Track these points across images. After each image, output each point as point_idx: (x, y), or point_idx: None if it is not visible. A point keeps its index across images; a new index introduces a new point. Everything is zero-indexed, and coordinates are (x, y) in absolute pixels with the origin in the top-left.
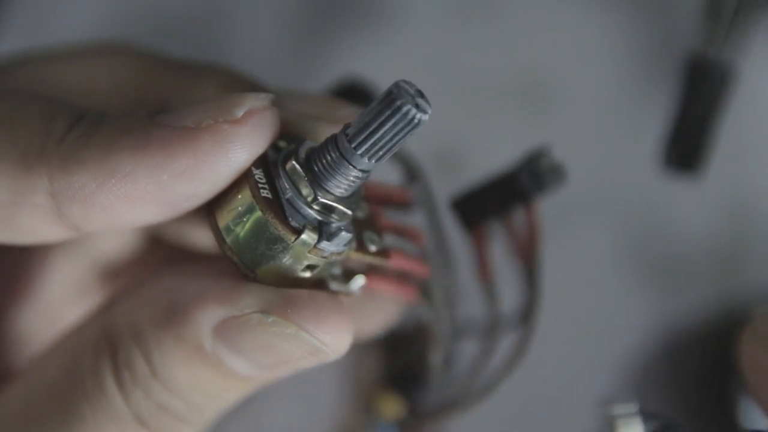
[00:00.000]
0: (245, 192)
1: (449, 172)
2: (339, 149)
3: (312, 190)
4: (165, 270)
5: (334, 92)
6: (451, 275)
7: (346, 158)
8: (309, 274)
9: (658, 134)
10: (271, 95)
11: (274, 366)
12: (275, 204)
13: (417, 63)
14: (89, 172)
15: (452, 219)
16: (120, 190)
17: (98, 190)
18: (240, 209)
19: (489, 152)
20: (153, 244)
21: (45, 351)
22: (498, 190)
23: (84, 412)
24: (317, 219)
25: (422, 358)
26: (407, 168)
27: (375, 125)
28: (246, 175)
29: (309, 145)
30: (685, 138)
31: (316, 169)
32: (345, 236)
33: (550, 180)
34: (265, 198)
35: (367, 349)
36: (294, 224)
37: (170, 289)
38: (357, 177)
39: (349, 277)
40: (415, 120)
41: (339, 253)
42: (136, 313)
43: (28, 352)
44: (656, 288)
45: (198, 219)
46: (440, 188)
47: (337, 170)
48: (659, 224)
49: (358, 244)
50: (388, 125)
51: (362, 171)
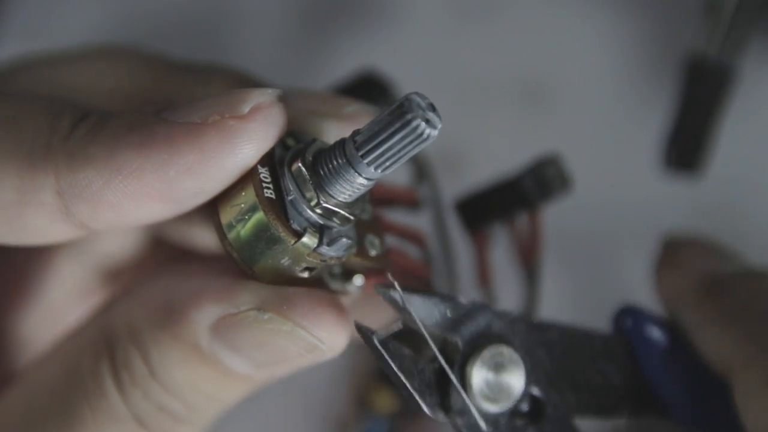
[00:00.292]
0: (249, 190)
1: (449, 172)
2: (346, 155)
3: (316, 194)
4: (164, 270)
5: (350, 85)
6: (452, 276)
7: (353, 165)
8: (307, 275)
9: (658, 134)
10: (278, 90)
11: (272, 364)
12: (278, 205)
13: (417, 63)
14: (96, 169)
15: (456, 220)
16: (127, 187)
17: (105, 187)
18: (243, 207)
19: (489, 152)
20: (156, 245)
21: (45, 353)
22: (502, 195)
23: (84, 414)
24: (319, 223)
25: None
26: (416, 167)
27: (384, 136)
28: (251, 173)
29: (317, 146)
30: (685, 138)
31: (322, 173)
32: (345, 243)
33: (556, 188)
34: (269, 198)
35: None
36: (295, 227)
37: (167, 289)
38: (362, 185)
39: (349, 277)
40: (424, 135)
41: (338, 258)
42: (134, 314)
43: (30, 355)
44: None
45: (201, 219)
46: (440, 188)
47: (343, 176)
48: (659, 224)
49: (359, 248)
50: (397, 137)
51: (368, 179)
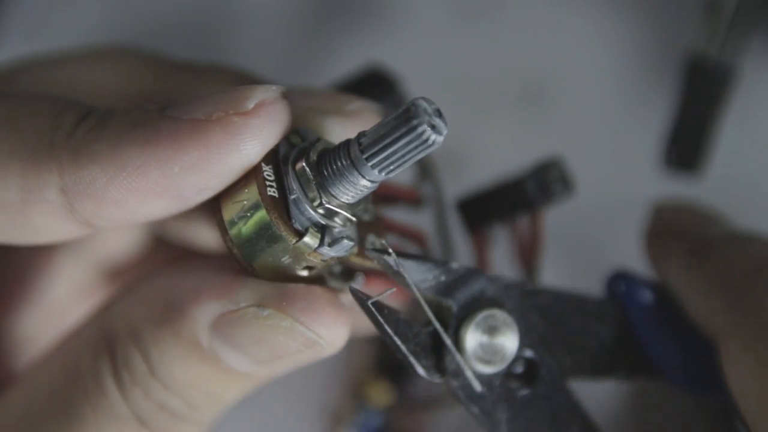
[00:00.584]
0: (252, 188)
1: (449, 171)
2: (351, 157)
3: (319, 194)
4: (163, 268)
5: (357, 80)
6: None
7: (357, 168)
8: (307, 273)
9: (658, 134)
10: (282, 87)
11: (271, 360)
12: (280, 204)
13: (418, 63)
14: (100, 166)
15: (457, 220)
16: (131, 184)
17: (109, 184)
18: (245, 204)
19: (489, 151)
20: (157, 244)
21: (46, 353)
22: (504, 196)
23: (84, 413)
24: (320, 223)
25: None
26: (420, 167)
27: (389, 140)
28: (255, 171)
29: (322, 146)
30: (685, 138)
31: (326, 173)
32: (346, 244)
33: (557, 191)
34: (272, 197)
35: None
36: (297, 226)
37: (167, 287)
38: (365, 187)
39: (349, 276)
40: (429, 141)
41: (339, 258)
42: (134, 312)
43: (31, 354)
44: None
45: (202, 218)
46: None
47: (346, 178)
48: None
49: (360, 248)
50: (402, 142)
51: (371, 182)
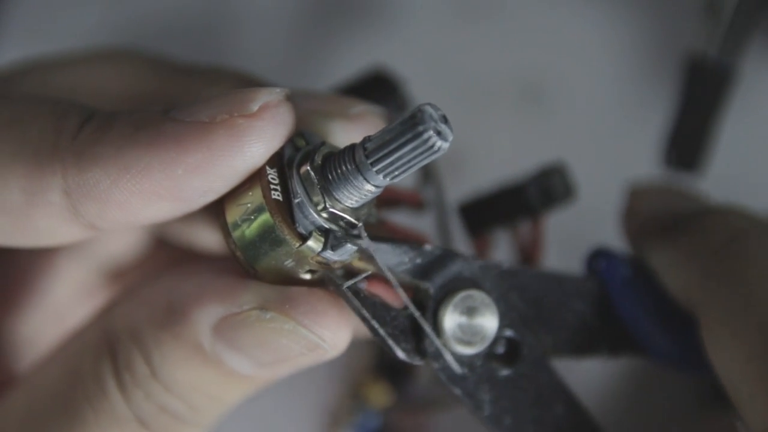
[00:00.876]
0: (256, 191)
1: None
2: (355, 162)
3: (323, 198)
4: (166, 270)
5: (360, 83)
6: None
7: (361, 172)
8: (309, 277)
9: (658, 134)
10: (286, 89)
11: (274, 363)
12: (284, 207)
13: (418, 63)
14: (103, 168)
15: (459, 223)
16: (135, 186)
17: (113, 186)
18: (249, 206)
19: (489, 152)
20: (159, 246)
21: (48, 354)
22: (506, 201)
23: (86, 415)
24: (324, 227)
25: None
26: (422, 170)
27: (394, 145)
28: (259, 174)
29: (326, 150)
30: (685, 138)
31: (330, 177)
32: (349, 248)
33: (559, 197)
34: (276, 200)
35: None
36: (300, 230)
37: (169, 289)
38: (370, 191)
39: (351, 279)
40: (435, 147)
41: (342, 263)
42: (136, 314)
43: (33, 356)
44: None
45: (205, 221)
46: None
47: (351, 182)
48: None
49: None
50: (407, 148)
51: (376, 186)
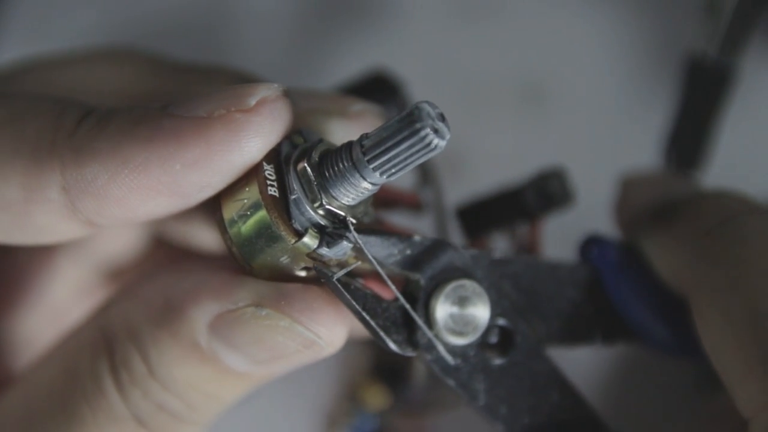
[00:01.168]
0: (253, 187)
1: (449, 172)
2: (353, 159)
3: (319, 195)
4: (162, 269)
5: (361, 83)
6: None
7: (358, 170)
8: (305, 274)
9: (658, 134)
10: (283, 85)
11: (270, 361)
12: (281, 203)
13: (418, 64)
14: (101, 164)
15: (457, 226)
16: (133, 181)
17: (111, 182)
18: (246, 202)
19: (489, 152)
20: (157, 245)
21: (45, 353)
22: (504, 205)
23: (83, 414)
24: (320, 224)
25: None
26: (421, 171)
27: (392, 143)
28: (256, 170)
29: (324, 147)
30: (685, 137)
31: (327, 175)
32: (345, 246)
33: (558, 202)
34: (272, 196)
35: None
36: (296, 226)
37: (165, 287)
38: (366, 189)
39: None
40: (432, 145)
41: (338, 260)
42: (132, 312)
43: (31, 355)
44: None
45: (202, 219)
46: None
47: (348, 180)
48: None
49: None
50: (404, 145)
51: (372, 184)
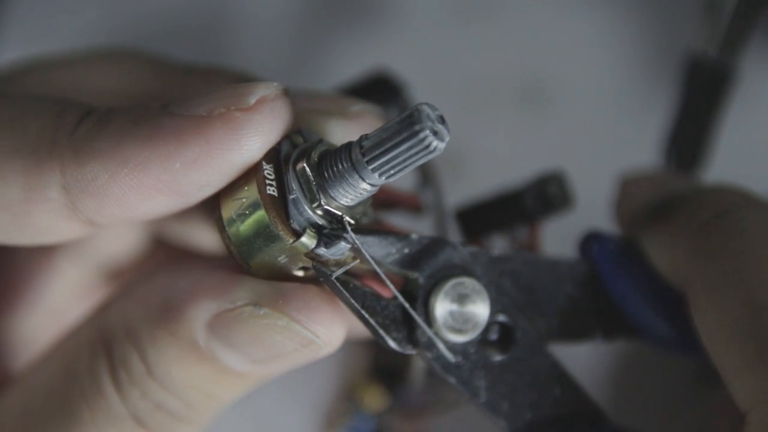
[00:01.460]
0: (252, 186)
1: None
2: (352, 160)
3: (318, 195)
4: (160, 268)
5: (362, 84)
6: None
7: (357, 170)
8: (302, 274)
9: (658, 134)
10: (283, 84)
11: (268, 360)
12: (279, 203)
13: (417, 63)
14: (101, 163)
15: (456, 227)
16: (133, 180)
17: (111, 181)
18: (245, 202)
19: (489, 152)
20: (157, 246)
21: (44, 353)
22: (503, 208)
23: (82, 413)
24: (318, 224)
25: (408, 357)
26: (421, 173)
27: (391, 144)
28: (255, 169)
29: (323, 147)
30: (685, 138)
31: (326, 175)
32: (343, 246)
33: (557, 205)
34: (271, 196)
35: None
36: (295, 226)
37: (163, 286)
38: (365, 190)
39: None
40: (431, 147)
41: (336, 260)
42: (131, 312)
43: (30, 355)
44: None
45: (201, 219)
46: (443, 194)
47: (347, 180)
48: None
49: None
50: (404, 147)
51: (371, 185)
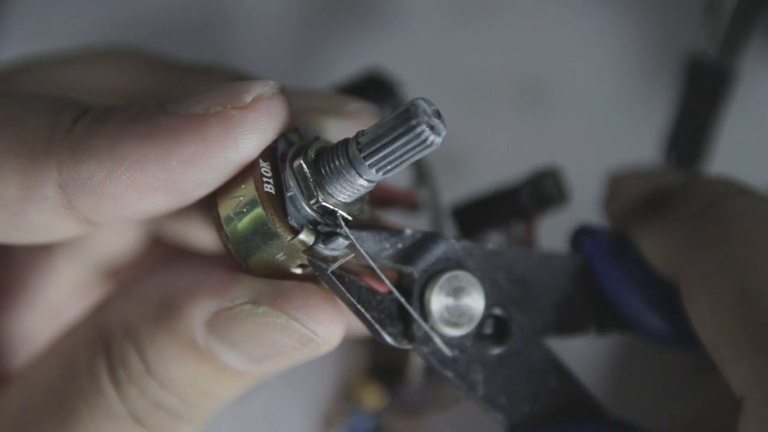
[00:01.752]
0: (249, 184)
1: (448, 171)
2: (348, 156)
3: (315, 192)
4: (159, 267)
5: (356, 84)
6: None
7: (354, 166)
8: (301, 272)
9: (658, 134)
10: (280, 83)
11: (267, 358)
12: (277, 200)
13: (417, 63)
14: (98, 161)
15: (453, 225)
16: (129, 178)
17: (107, 179)
18: (242, 199)
19: (488, 152)
20: (154, 245)
21: (42, 352)
22: (499, 204)
23: (81, 412)
24: (316, 221)
25: (406, 356)
26: (417, 171)
27: (387, 139)
28: (252, 167)
29: (320, 144)
30: (685, 137)
31: (323, 172)
32: (341, 242)
33: (553, 201)
34: (268, 193)
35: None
36: (292, 223)
37: (162, 285)
38: (362, 186)
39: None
40: (428, 141)
41: (333, 257)
42: (130, 310)
43: (28, 354)
44: None
45: (199, 218)
46: (439, 191)
47: (344, 176)
48: None
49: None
50: (400, 142)
51: (368, 181)
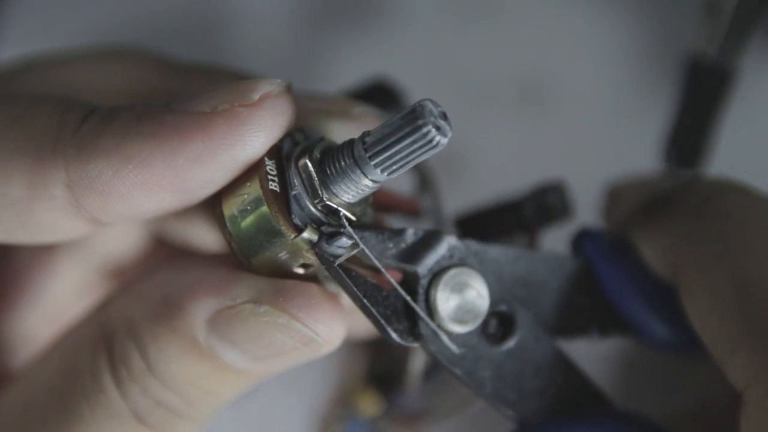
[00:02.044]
0: (254, 182)
1: (448, 171)
2: (354, 156)
3: (320, 191)
4: (161, 266)
5: (362, 91)
6: None
7: (360, 166)
8: (303, 271)
9: (658, 134)
10: (286, 81)
11: (268, 358)
12: (281, 198)
13: (417, 64)
14: (105, 160)
15: (455, 233)
16: (137, 177)
17: (115, 178)
18: (246, 197)
19: (488, 152)
20: (158, 245)
21: (44, 351)
22: (502, 216)
23: (82, 411)
24: (320, 220)
25: (404, 363)
26: (420, 177)
27: (393, 139)
28: (257, 165)
29: (326, 144)
30: (685, 138)
31: (328, 171)
32: (344, 242)
33: (556, 216)
34: (273, 191)
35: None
36: (296, 221)
37: (164, 283)
38: (367, 186)
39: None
40: (434, 142)
41: (336, 256)
42: (131, 309)
43: (31, 353)
44: None
45: (203, 218)
46: (441, 198)
47: (349, 176)
48: None
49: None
50: (406, 142)
51: (373, 181)
